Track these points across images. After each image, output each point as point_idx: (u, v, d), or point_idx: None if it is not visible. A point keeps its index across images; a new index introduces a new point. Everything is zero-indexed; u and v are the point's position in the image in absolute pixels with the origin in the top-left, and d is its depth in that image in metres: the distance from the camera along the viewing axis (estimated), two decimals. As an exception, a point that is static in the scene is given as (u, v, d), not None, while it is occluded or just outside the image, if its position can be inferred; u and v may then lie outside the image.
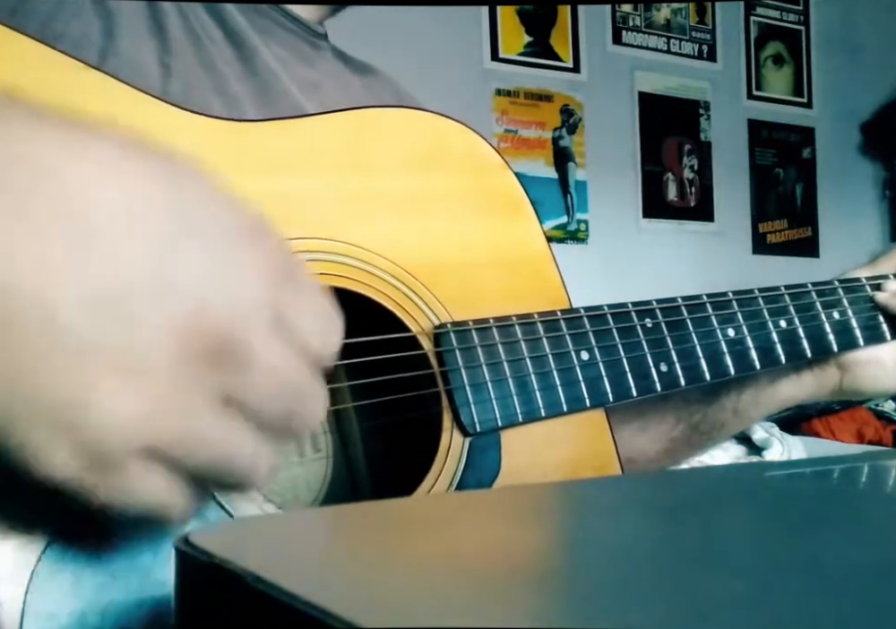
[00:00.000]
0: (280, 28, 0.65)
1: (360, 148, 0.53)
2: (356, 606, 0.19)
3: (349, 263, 0.50)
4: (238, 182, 0.48)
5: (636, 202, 2.51)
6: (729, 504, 0.31)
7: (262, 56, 0.62)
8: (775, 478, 0.36)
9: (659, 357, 0.57)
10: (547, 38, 2.39)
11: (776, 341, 0.62)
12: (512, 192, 0.58)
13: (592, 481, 0.46)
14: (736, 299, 0.61)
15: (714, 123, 2.63)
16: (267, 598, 0.19)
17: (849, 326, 0.65)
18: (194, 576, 0.22)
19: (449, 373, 0.51)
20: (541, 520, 0.29)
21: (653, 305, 0.58)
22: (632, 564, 0.23)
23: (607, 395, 0.55)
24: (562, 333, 0.55)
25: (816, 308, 0.64)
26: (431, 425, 0.52)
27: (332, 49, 0.70)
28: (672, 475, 0.52)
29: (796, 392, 0.68)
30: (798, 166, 2.81)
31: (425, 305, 0.52)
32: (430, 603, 0.19)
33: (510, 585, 0.21)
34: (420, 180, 0.55)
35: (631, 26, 2.51)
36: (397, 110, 0.57)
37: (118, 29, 0.55)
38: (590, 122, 2.43)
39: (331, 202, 0.51)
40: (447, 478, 0.51)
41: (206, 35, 0.60)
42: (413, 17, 2.17)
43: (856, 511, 0.30)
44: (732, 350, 0.60)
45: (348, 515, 0.28)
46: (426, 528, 0.26)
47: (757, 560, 0.23)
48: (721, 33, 2.67)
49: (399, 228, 0.53)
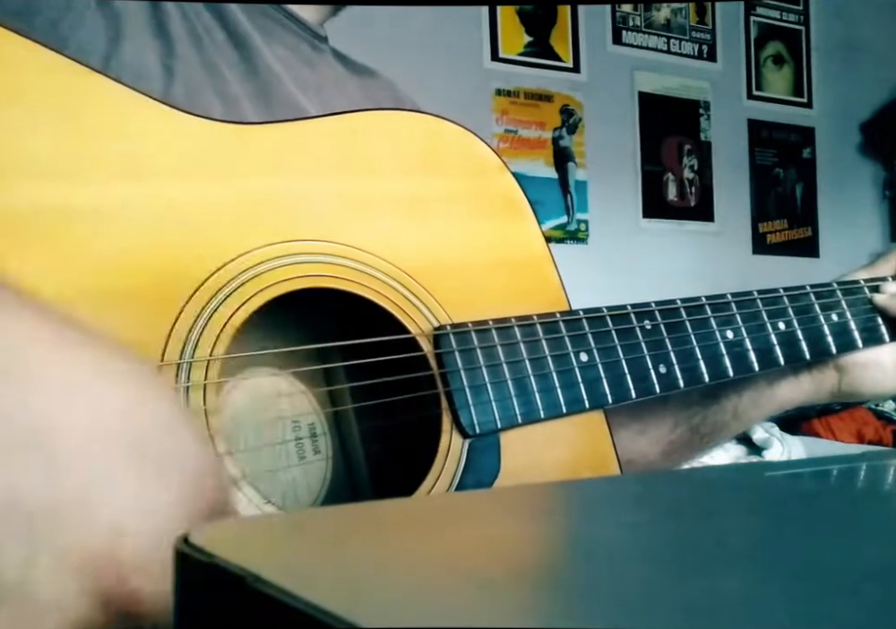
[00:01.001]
0: (283, 29, 0.65)
1: (359, 150, 0.53)
2: (356, 606, 0.19)
3: (349, 265, 0.50)
4: (239, 184, 0.49)
5: (636, 202, 2.51)
6: (729, 504, 0.31)
7: (263, 58, 0.62)
8: (775, 478, 0.36)
9: (658, 358, 0.57)
10: (547, 38, 2.39)
11: (775, 343, 0.62)
12: (510, 193, 0.58)
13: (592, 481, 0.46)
14: (735, 301, 0.61)
15: (714, 123, 2.63)
16: (267, 598, 0.19)
17: (848, 328, 0.65)
18: (194, 576, 0.22)
19: (448, 374, 0.51)
20: (541, 520, 0.29)
21: (652, 307, 0.58)
22: (632, 563, 0.23)
23: (606, 397, 0.56)
24: (561, 335, 0.55)
25: (815, 310, 0.64)
26: (430, 426, 0.52)
27: (332, 51, 0.70)
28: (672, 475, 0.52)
29: (795, 395, 0.68)
30: (798, 166, 2.81)
31: (424, 307, 0.52)
32: (430, 603, 0.19)
33: (510, 585, 0.21)
34: (419, 182, 0.55)
35: (631, 26, 2.51)
36: (396, 113, 0.57)
37: (123, 32, 0.55)
38: (590, 122, 2.43)
39: (330, 204, 0.51)
40: (447, 480, 0.51)
41: (208, 36, 0.60)
42: (413, 17, 2.17)
43: (856, 511, 0.30)
44: (731, 352, 0.60)
45: (348, 515, 0.28)
46: (427, 528, 0.26)
47: (757, 560, 0.23)
48: (721, 33, 2.67)
49: (398, 230, 0.53)
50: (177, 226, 0.46)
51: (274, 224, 0.49)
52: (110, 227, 0.44)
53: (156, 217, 0.45)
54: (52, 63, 0.44)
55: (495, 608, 0.19)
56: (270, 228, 0.49)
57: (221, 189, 0.48)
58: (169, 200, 0.46)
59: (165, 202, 0.46)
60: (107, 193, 0.44)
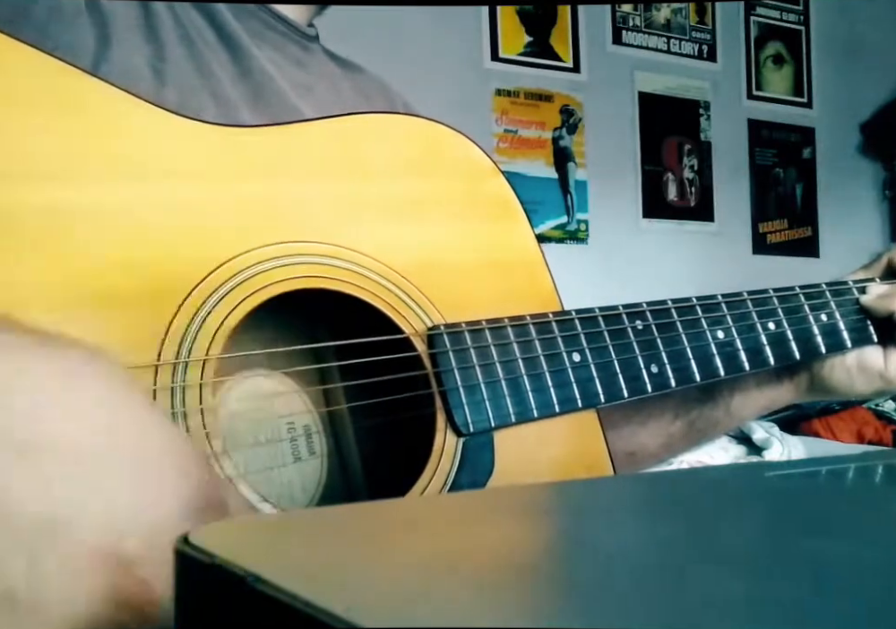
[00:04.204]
0: (271, 31, 0.65)
1: (353, 153, 0.54)
2: (356, 606, 0.19)
3: (343, 266, 0.51)
4: (234, 186, 0.49)
5: (636, 202, 2.51)
6: (729, 504, 0.31)
7: (255, 59, 0.62)
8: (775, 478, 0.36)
9: (650, 358, 0.58)
10: (547, 38, 2.38)
11: (765, 343, 0.62)
12: (503, 196, 0.58)
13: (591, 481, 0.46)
14: (726, 302, 0.61)
15: (714, 123, 2.63)
16: (267, 598, 0.19)
17: (837, 328, 0.66)
18: (194, 577, 0.22)
19: (442, 374, 0.52)
20: (541, 520, 0.29)
21: (643, 308, 0.59)
22: (631, 564, 0.23)
23: (598, 396, 0.56)
24: (554, 335, 0.55)
25: (804, 311, 0.64)
26: (425, 425, 0.52)
27: (324, 50, 0.70)
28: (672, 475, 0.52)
29: (779, 395, 0.70)
30: (798, 166, 2.81)
31: (418, 308, 0.53)
32: (430, 603, 0.19)
33: (510, 585, 0.21)
34: (413, 185, 0.55)
35: (631, 26, 2.51)
36: (390, 116, 0.58)
37: (112, 36, 0.55)
38: (590, 122, 2.42)
39: (324, 206, 0.52)
40: (441, 478, 0.51)
41: (200, 37, 0.60)
42: (413, 17, 2.17)
43: (856, 511, 0.30)
44: (722, 352, 0.60)
45: (348, 516, 0.28)
46: (427, 528, 0.26)
47: (757, 560, 0.23)
48: (721, 33, 2.66)
49: (391, 231, 0.53)
50: (173, 227, 0.46)
51: (270, 225, 0.49)
52: (106, 228, 0.44)
53: (152, 218, 0.46)
54: (44, 65, 0.44)
55: (495, 608, 0.19)
56: (265, 229, 0.49)
57: (217, 191, 0.48)
58: (165, 201, 0.46)
59: (161, 203, 0.46)
60: (102, 195, 0.45)
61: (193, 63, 0.59)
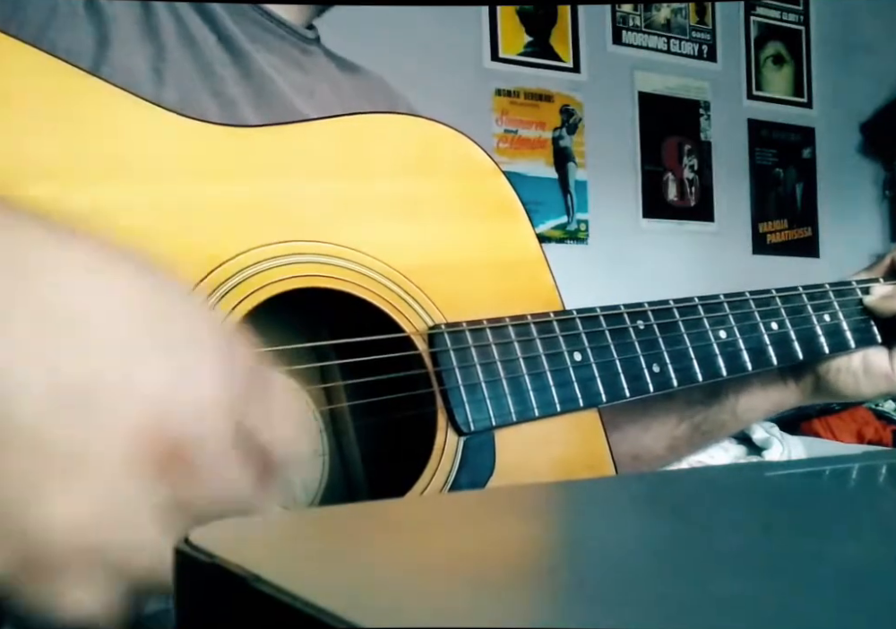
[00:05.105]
0: (270, 34, 0.64)
1: (354, 153, 0.54)
2: (356, 606, 0.19)
3: (344, 266, 0.51)
4: (235, 185, 0.49)
5: (636, 202, 2.51)
6: (729, 504, 0.31)
7: (255, 61, 0.62)
8: (775, 478, 0.36)
9: (652, 358, 0.58)
10: (547, 38, 2.39)
11: (767, 343, 0.62)
12: (504, 196, 0.58)
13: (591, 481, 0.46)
14: (728, 301, 0.61)
15: (714, 123, 2.63)
16: (268, 598, 0.19)
17: (840, 329, 0.66)
18: (194, 576, 0.22)
19: (443, 373, 0.52)
20: (541, 520, 0.29)
21: (645, 308, 0.59)
22: (631, 564, 0.23)
23: (599, 396, 0.56)
24: (555, 335, 0.55)
25: (807, 311, 0.64)
26: (426, 424, 0.52)
27: (325, 52, 0.70)
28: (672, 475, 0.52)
29: (784, 397, 0.70)
30: (798, 166, 2.81)
31: (419, 307, 0.53)
32: (430, 603, 0.19)
33: (510, 585, 0.21)
34: (413, 184, 0.55)
35: (631, 26, 2.51)
36: (391, 116, 0.58)
37: (111, 37, 0.55)
38: (590, 122, 2.43)
39: (325, 205, 0.52)
40: (442, 477, 0.51)
41: (201, 37, 0.60)
42: (413, 17, 2.17)
43: (856, 511, 0.30)
44: (724, 352, 0.60)
45: (349, 516, 0.28)
46: (427, 528, 0.26)
47: (757, 560, 0.23)
48: (721, 33, 2.67)
49: (393, 231, 0.53)
50: (174, 226, 0.46)
51: (270, 224, 0.49)
52: (105, 227, 0.44)
53: (152, 217, 0.46)
54: (44, 65, 0.44)
55: (495, 608, 0.19)
56: (266, 228, 0.49)
57: (217, 190, 0.48)
58: (165, 201, 0.46)
59: (160, 203, 0.46)
60: (102, 195, 0.45)
61: (194, 63, 0.59)
